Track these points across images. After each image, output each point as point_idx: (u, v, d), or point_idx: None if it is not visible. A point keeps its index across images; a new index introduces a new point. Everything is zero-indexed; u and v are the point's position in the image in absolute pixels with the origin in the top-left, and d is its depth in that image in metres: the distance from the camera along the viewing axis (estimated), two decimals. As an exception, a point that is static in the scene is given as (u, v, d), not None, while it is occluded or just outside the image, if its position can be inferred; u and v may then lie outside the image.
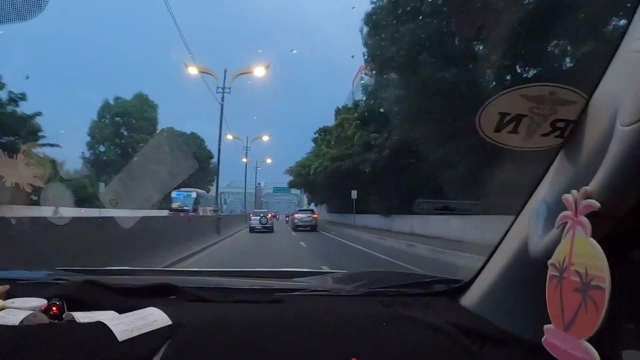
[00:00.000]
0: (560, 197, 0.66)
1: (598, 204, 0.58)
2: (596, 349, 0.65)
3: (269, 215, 24.37)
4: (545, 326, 0.65)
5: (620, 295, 0.72)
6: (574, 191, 0.62)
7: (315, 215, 26.50)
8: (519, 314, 0.85)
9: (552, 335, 0.64)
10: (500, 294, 0.89)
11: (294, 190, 49.50)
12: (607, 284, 0.55)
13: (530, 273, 0.77)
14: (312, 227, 24.20)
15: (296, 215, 26.25)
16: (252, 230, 22.44)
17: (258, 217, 23.37)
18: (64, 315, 0.86)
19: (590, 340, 0.58)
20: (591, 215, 0.59)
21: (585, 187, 0.60)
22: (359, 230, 21.62)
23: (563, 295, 0.62)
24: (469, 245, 10.88)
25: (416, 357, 0.78)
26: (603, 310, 0.55)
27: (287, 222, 37.43)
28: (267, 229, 22.63)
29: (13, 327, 0.78)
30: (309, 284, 1.20)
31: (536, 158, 0.81)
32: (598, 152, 0.66)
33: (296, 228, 24.35)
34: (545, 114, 0.73)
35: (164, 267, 5.04)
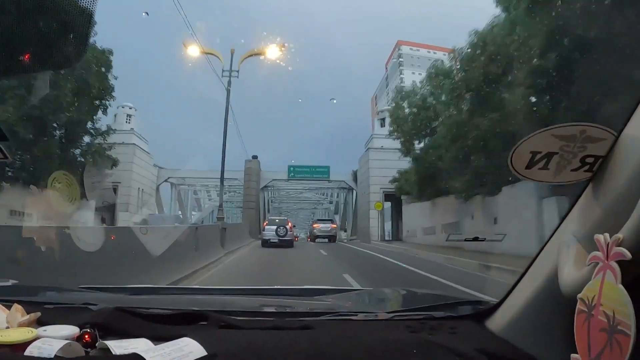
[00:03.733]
0: (591, 234, 0.68)
1: (629, 255, 0.60)
2: None
3: (289, 224, 19.08)
4: (573, 355, 0.67)
5: None
6: (606, 234, 0.63)
7: (335, 225, 26.72)
8: (546, 341, 0.87)
9: None
10: (528, 319, 0.91)
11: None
12: (632, 332, 0.57)
13: (559, 302, 0.78)
14: (331, 238, 23.56)
15: (315, 225, 25.86)
16: (265, 243, 17.63)
17: (274, 227, 18.38)
18: (97, 344, 0.87)
19: None
20: (622, 262, 0.61)
21: (617, 235, 0.62)
22: None
23: (590, 331, 0.64)
24: None
25: None
26: (627, 355, 0.57)
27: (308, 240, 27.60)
28: (285, 243, 17.44)
29: (50, 359, 0.79)
30: (335, 303, 1.22)
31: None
32: (627, 189, 0.67)
33: (315, 239, 23.78)
34: (575, 152, 0.74)
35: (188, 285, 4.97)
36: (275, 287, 1.51)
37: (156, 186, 32.78)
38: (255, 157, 34.35)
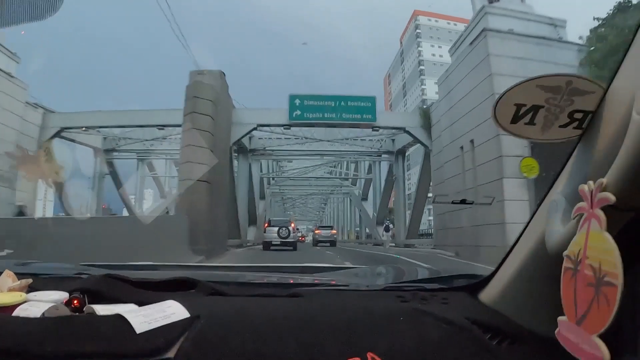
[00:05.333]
0: (577, 191, 0.65)
1: (613, 198, 0.57)
2: (620, 344, 0.64)
3: (292, 225, 18.70)
4: (559, 318, 0.65)
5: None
6: (590, 182, 0.61)
7: (335, 231, 29.01)
8: (538, 310, 0.84)
9: (565, 328, 0.63)
10: (519, 289, 0.88)
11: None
12: (619, 281, 0.54)
13: (548, 266, 0.76)
14: (332, 243, 25.28)
15: (317, 231, 28.11)
16: (267, 246, 17.44)
17: (275, 229, 17.99)
18: (84, 309, 0.89)
19: (602, 337, 0.57)
20: (607, 208, 0.58)
21: (602, 179, 0.59)
22: None
23: (577, 289, 0.61)
24: None
25: (432, 352, 0.78)
26: (614, 307, 0.54)
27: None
28: (288, 245, 17.28)
29: (35, 319, 0.80)
30: (329, 279, 1.21)
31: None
32: (616, 143, 0.64)
33: (317, 243, 25.37)
34: (562, 105, 0.71)
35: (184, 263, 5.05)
36: (274, 264, 1.51)
37: (39, 143, 18.64)
38: (213, 72, 16.52)
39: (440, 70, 23.10)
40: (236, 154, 22.32)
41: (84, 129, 21.57)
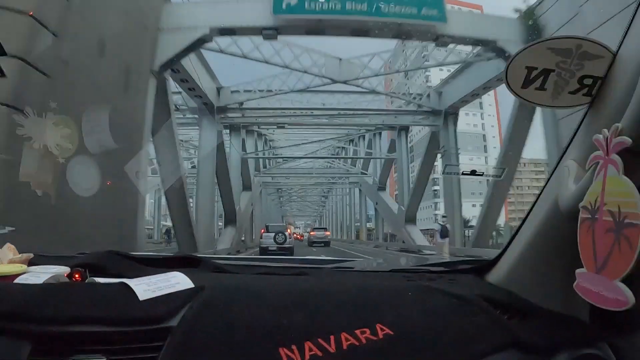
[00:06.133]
0: (588, 155, 0.65)
1: (630, 140, 0.57)
2: (626, 321, 0.63)
3: (288, 230, 18.42)
4: (577, 270, 0.63)
5: None
6: (604, 130, 0.61)
7: (329, 233, 29.53)
8: (548, 283, 0.83)
9: (584, 279, 0.62)
10: (528, 265, 0.87)
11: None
12: None
13: (562, 228, 0.75)
14: (326, 243, 25.88)
15: (312, 233, 29.11)
16: (264, 252, 16.76)
17: (272, 234, 17.45)
18: (86, 281, 0.87)
19: (624, 282, 0.56)
20: (623, 153, 0.58)
21: (617, 124, 0.59)
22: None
23: (595, 237, 0.60)
24: None
25: (442, 323, 0.76)
26: (638, 246, 0.54)
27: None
28: (285, 250, 16.59)
29: (35, 285, 0.78)
30: (340, 264, 1.20)
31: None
32: (625, 109, 0.65)
33: (312, 244, 26.00)
34: (572, 69, 0.72)
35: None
36: (279, 256, 1.48)
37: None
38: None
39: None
40: (197, 116, 15.16)
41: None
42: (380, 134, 23.37)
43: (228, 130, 18.25)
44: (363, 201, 32.03)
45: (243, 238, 20.84)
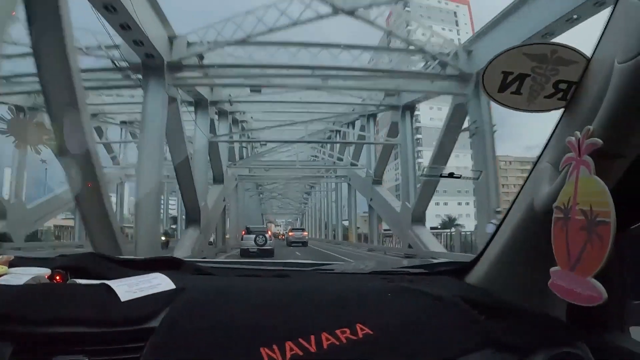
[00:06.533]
0: (562, 157, 0.67)
1: (600, 141, 0.59)
2: (605, 321, 0.65)
3: (269, 232, 18.55)
4: (552, 269, 0.65)
5: (626, 273, 0.73)
6: (577, 132, 0.63)
7: (306, 233, 32.01)
8: (525, 284, 0.85)
9: (557, 277, 0.64)
10: (506, 266, 0.89)
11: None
12: (612, 218, 0.55)
13: (537, 229, 0.77)
14: (304, 243, 27.44)
15: (290, 233, 30.96)
16: (245, 253, 16.83)
17: (252, 236, 17.51)
18: (67, 282, 0.86)
19: (597, 278, 0.57)
20: (594, 154, 0.60)
21: (588, 126, 0.61)
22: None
23: (569, 236, 0.62)
24: None
25: (422, 323, 0.77)
26: (609, 243, 0.55)
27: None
28: (266, 252, 16.47)
29: (15, 286, 0.78)
30: (324, 267, 1.20)
31: None
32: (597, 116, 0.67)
33: (290, 244, 27.58)
34: (547, 74, 0.75)
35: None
36: (261, 260, 1.48)
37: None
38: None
39: None
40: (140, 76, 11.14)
41: None
42: (375, 116, 20.33)
43: (194, 109, 14.78)
44: (353, 197, 27.86)
45: (212, 239, 18.79)
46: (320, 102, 18.52)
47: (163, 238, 17.72)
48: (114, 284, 0.78)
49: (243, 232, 18.56)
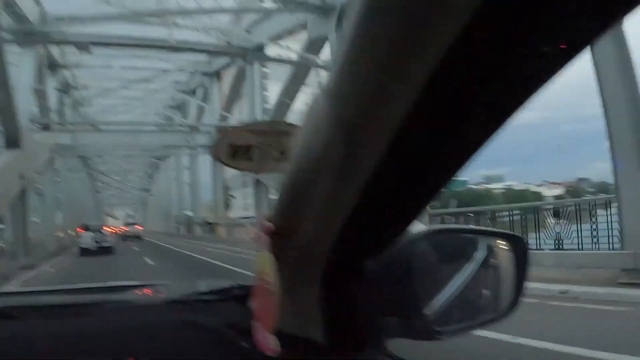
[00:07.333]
0: None
1: (271, 224, 0.73)
2: (362, 339, 0.81)
3: (109, 229, 18.85)
4: (254, 323, 0.80)
5: (377, 294, 0.88)
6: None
7: (140, 227, 33.45)
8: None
9: (257, 331, 0.79)
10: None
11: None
12: (275, 289, 0.71)
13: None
14: (138, 237, 28.50)
15: (125, 228, 32.46)
16: (86, 252, 16.43)
17: (90, 234, 17.23)
18: None
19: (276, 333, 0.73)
20: (271, 234, 0.74)
21: (267, 212, 0.75)
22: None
23: (261, 297, 0.77)
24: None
25: (186, 357, 0.88)
26: (275, 309, 0.71)
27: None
28: (105, 250, 16.59)
29: None
30: (120, 297, 1.25)
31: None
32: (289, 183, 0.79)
33: (125, 239, 27.75)
34: (271, 143, 0.87)
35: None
36: (84, 286, 1.51)
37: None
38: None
39: None
40: None
41: None
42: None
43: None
44: (219, 172, 22.06)
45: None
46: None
47: None
48: None
49: (79, 230, 18.11)
